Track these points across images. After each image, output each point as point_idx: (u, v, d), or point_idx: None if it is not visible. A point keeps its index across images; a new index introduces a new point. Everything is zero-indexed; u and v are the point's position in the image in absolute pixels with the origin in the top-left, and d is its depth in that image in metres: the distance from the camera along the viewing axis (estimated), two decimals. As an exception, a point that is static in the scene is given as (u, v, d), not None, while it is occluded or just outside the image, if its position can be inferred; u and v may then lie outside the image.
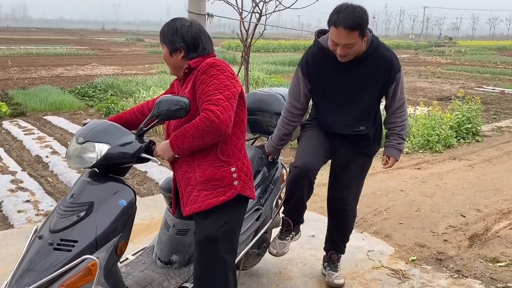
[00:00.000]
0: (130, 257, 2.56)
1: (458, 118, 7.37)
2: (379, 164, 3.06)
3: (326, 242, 3.06)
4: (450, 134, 6.89)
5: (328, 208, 2.92)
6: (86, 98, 10.66)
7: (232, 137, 2.06)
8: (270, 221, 2.84)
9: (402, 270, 3.20)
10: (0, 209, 4.26)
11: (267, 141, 2.87)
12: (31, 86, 12.11)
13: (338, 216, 2.89)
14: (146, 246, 2.64)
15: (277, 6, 5.29)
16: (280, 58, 23.39)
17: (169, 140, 2.01)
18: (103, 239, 1.84)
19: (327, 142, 2.73)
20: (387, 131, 2.79)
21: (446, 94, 12.81)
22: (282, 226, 2.86)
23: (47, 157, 5.91)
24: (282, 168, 3.00)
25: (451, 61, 27.88)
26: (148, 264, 2.46)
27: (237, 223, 2.15)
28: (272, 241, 2.87)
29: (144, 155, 2.00)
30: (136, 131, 2.05)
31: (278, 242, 2.82)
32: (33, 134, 7.23)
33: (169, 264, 2.45)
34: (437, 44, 44.43)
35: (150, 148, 2.04)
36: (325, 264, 3.06)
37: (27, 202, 4.37)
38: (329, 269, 3.00)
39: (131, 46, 37.21)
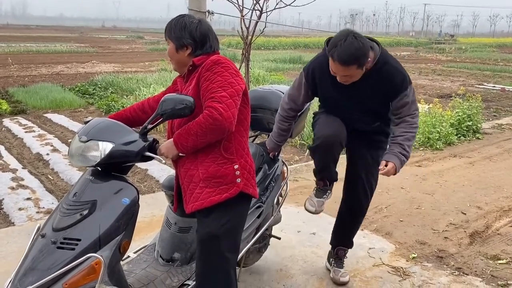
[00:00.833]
0: (132, 255, 2.56)
1: (459, 116, 7.37)
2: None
3: (334, 238, 3.03)
4: (450, 132, 6.89)
5: (344, 195, 2.87)
6: (87, 96, 10.64)
7: (235, 134, 2.06)
8: (271, 218, 2.85)
9: (402, 268, 3.20)
10: (1, 207, 4.26)
11: (268, 138, 2.87)
12: (31, 83, 12.09)
13: (353, 216, 2.87)
14: (148, 244, 2.65)
15: (277, 4, 5.29)
16: (280, 56, 23.34)
17: (172, 138, 2.01)
18: (107, 238, 1.83)
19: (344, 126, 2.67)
20: (390, 141, 2.69)
21: (447, 92, 12.79)
22: (317, 186, 2.79)
23: (48, 154, 5.91)
24: (283, 165, 3.01)
25: (452, 58, 27.84)
26: (150, 262, 2.46)
27: (239, 221, 2.15)
28: (308, 198, 2.80)
29: (148, 154, 2.00)
30: (139, 129, 2.04)
31: (316, 200, 2.75)
32: (33, 131, 7.22)
33: (171, 261, 2.45)
34: (437, 41, 44.37)
35: (154, 146, 2.03)
36: (331, 259, 3.04)
37: (28, 199, 4.37)
38: (335, 265, 2.99)
39: (131, 44, 37.16)
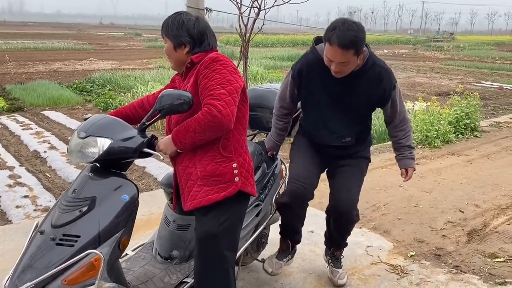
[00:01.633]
0: (130, 252, 2.55)
1: (457, 114, 7.37)
2: (378, 159, 3.07)
3: (326, 240, 3.01)
4: (448, 130, 6.90)
5: (328, 217, 2.82)
6: (84, 93, 10.62)
7: (234, 132, 2.05)
8: (270, 217, 2.84)
9: (400, 266, 3.21)
10: (-2, 204, 4.25)
11: (267, 136, 2.87)
12: (29, 81, 12.06)
13: (340, 226, 2.82)
14: (146, 242, 2.64)
15: (276, 1, 5.27)
16: (278, 53, 23.31)
17: (171, 134, 2.00)
18: (106, 234, 1.83)
19: (319, 158, 2.71)
20: (394, 144, 2.77)
21: (445, 90, 12.80)
22: (280, 247, 2.86)
23: (45, 152, 5.89)
24: (281, 164, 3.00)
25: (450, 56, 27.85)
26: (148, 259, 2.46)
27: (238, 220, 2.15)
28: (268, 259, 2.85)
29: (146, 150, 1.99)
30: (138, 126, 2.03)
31: (275, 261, 2.81)
32: (31, 129, 7.20)
33: (169, 259, 2.44)
34: (435, 39, 44.38)
35: (152, 142, 2.02)
36: (328, 258, 3.02)
37: (25, 197, 4.36)
38: (332, 265, 2.97)
39: (129, 41, 37.07)
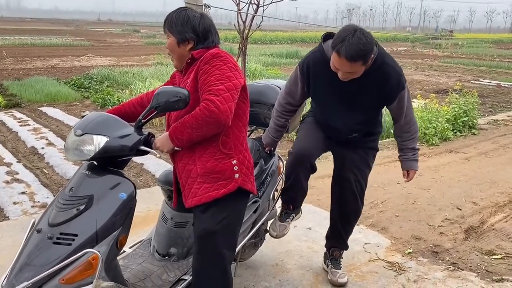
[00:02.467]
0: (127, 249, 2.55)
1: (455, 111, 7.38)
2: (377, 156, 3.05)
3: (328, 239, 3.01)
4: (446, 127, 6.90)
5: (333, 199, 2.85)
6: (82, 90, 10.59)
7: (233, 129, 2.04)
8: (267, 213, 2.84)
9: (398, 263, 3.21)
10: (-5, 200, 4.23)
11: (264, 133, 2.86)
12: (26, 77, 12.01)
13: (345, 218, 2.82)
14: (143, 239, 2.64)
15: (274, -3, 5.27)
16: (277, 50, 23.28)
17: (168, 132, 1.99)
18: (104, 233, 1.82)
19: (325, 138, 2.72)
20: (399, 144, 2.76)
21: (443, 87, 12.80)
22: (281, 208, 2.84)
23: (43, 148, 5.88)
24: (279, 160, 3.00)
25: (448, 54, 27.87)
26: (146, 257, 2.45)
27: (237, 218, 2.14)
28: (272, 223, 2.85)
29: (143, 148, 1.98)
30: (134, 123, 2.02)
31: (278, 224, 2.80)
32: (28, 125, 7.18)
33: (167, 256, 2.44)
34: (434, 36, 44.38)
35: (149, 140, 2.01)
36: (327, 261, 3.01)
37: (23, 193, 4.34)
38: (332, 267, 2.96)
39: (127, 37, 36.96)
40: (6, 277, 1.75)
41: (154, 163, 5.22)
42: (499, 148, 6.60)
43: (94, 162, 1.97)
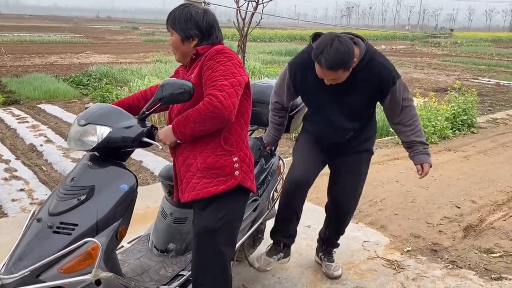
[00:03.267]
0: (126, 245, 2.55)
1: (454, 110, 7.38)
2: (375, 155, 3.06)
3: (320, 239, 3.05)
4: (445, 126, 6.91)
5: (328, 211, 2.90)
6: (81, 87, 10.57)
7: (236, 126, 2.03)
8: (267, 212, 2.84)
9: (397, 261, 3.21)
10: (-6, 197, 4.23)
11: (265, 132, 2.86)
12: (25, 74, 11.99)
13: (339, 220, 2.87)
14: (142, 235, 2.64)
15: (274, -5, 5.25)
16: (276, 48, 23.26)
17: (171, 124, 1.98)
18: (104, 224, 1.81)
19: (321, 156, 2.71)
20: (405, 143, 2.66)
21: (442, 86, 12.80)
22: (272, 245, 2.82)
23: (41, 145, 5.86)
24: (279, 160, 3.00)
25: (447, 52, 27.86)
26: (144, 252, 2.45)
27: (237, 216, 2.13)
28: (258, 255, 2.80)
29: (145, 140, 1.97)
30: (138, 115, 2.01)
31: (264, 257, 2.74)
32: (27, 122, 7.17)
33: (165, 252, 2.44)
34: (433, 35, 44.39)
35: (152, 132, 2.00)
36: (320, 254, 3.06)
37: (21, 191, 4.34)
38: (326, 260, 3.01)
39: (126, 34, 36.91)
40: (4, 264, 1.74)
41: (153, 161, 5.21)
42: (498, 146, 6.61)
43: (96, 153, 1.96)
